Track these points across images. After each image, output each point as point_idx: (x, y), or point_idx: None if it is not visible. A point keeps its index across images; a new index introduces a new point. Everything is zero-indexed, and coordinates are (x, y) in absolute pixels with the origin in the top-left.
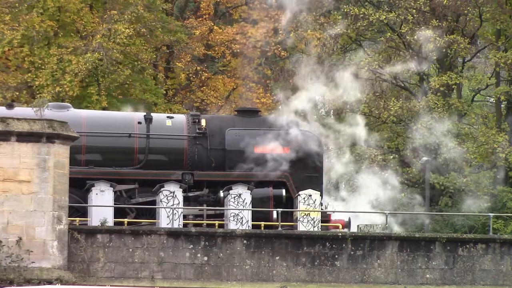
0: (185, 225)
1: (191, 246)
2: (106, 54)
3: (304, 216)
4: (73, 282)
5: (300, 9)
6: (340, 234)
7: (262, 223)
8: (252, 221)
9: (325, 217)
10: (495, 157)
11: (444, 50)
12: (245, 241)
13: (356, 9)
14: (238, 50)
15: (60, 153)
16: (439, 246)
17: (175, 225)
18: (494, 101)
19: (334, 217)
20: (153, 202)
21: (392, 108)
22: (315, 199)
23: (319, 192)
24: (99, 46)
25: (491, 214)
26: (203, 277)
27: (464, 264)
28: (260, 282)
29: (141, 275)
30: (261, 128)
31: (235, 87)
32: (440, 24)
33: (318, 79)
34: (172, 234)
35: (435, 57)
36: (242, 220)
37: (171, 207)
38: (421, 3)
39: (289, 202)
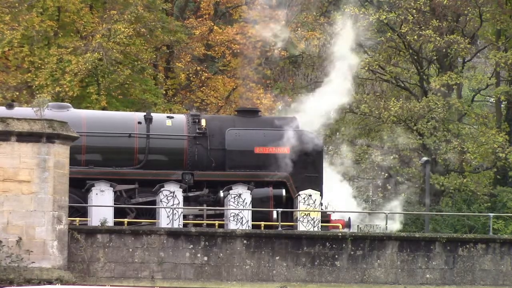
0: (185, 225)
1: (191, 246)
2: (106, 54)
3: (304, 216)
4: (73, 282)
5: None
6: (340, 234)
7: (262, 223)
8: (252, 221)
9: (325, 217)
10: (495, 157)
11: (444, 50)
12: (245, 241)
13: (356, 9)
14: (238, 50)
15: (60, 153)
16: (439, 246)
17: (175, 225)
18: (494, 101)
19: (334, 217)
20: (153, 202)
21: (392, 108)
22: (315, 199)
23: (319, 192)
24: (99, 46)
25: (491, 214)
26: (203, 277)
27: (464, 264)
28: (260, 282)
29: (141, 275)
30: (261, 128)
31: (235, 87)
32: (440, 24)
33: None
34: (172, 234)
35: (435, 57)
36: (242, 220)
37: (171, 207)
38: (421, 3)
39: (289, 202)
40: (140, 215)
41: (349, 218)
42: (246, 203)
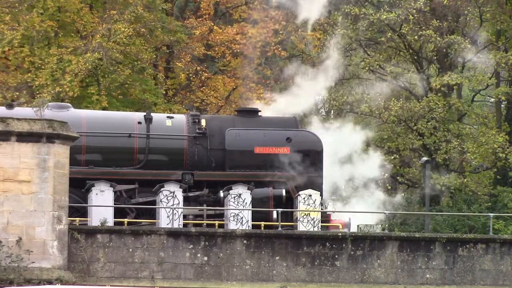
0: (185, 225)
1: (191, 246)
2: (106, 54)
3: (304, 216)
4: (73, 282)
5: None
6: (340, 234)
7: (262, 223)
8: (252, 221)
9: (325, 217)
10: (495, 157)
11: (444, 50)
12: (245, 241)
13: (356, 9)
14: (238, 50)
15: (60, 153)
16: (439, 246)
17: (175, 225)
18: (494, 101)
19: (334, 217)
20: (153, 202)
21: (393, 108)
22: (315, 199)
23: (319, 192)
24: (99, 46)
25: (491, 214)
26: (203, 277)
27: (464, 264)
28: (260, 282)
29: (141, 275)
30: (261, 128)
31: (235, 87)
32: (440, 24)
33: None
34: (172, 234)
35: (435, 57)
36: (242, 220)
37: (171, 207)
38: (421, 3)
39: (289, 202)
40: (140, 215)
41: (349, 219)
42: (246, 203)
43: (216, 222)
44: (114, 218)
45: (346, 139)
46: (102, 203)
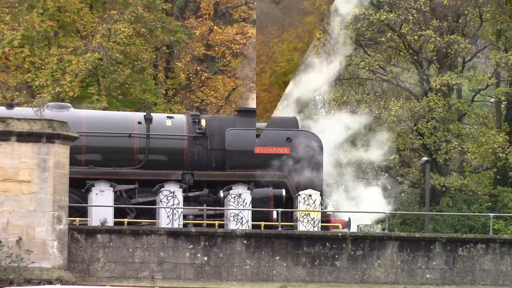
0: (185, 225)
1: (191, 246)
2: (106, 54)
3: (304, 216)
4: (73, 282)
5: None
6: (340, 234)
7: (262, 223)
8: (252, 221)
9: (325, 217)
10: (495, 157)
11: (444, 50)
12: (245, 241)
13: (356, 9)
14: (238, 50)
15: (60, 153)
16: (439, 246)
17: (175, 225)
18: (494, 101)
19: (334, 217)
20: (153, 202)
21: (393, 108)
22: (315, 199)
23: (319, 192)
24: (99, 46)
25: (491, 214)
26: (203, 277)
27: (464, 264)
28: (260, 282)
29: (141, 275)
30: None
31: (235, 87)
32: (440, 24)
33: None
34: (172, 234)
35: (435, 57)
36: (242, 220)
37: (171, 207)
38: (421, 3)
39: (289, 202)
40: (140, 215)
41: (349, 218)
42: (246, 203)
43: (216, 222)
44: (114, 218)
45: (347, 124)
46: (102, 203)
